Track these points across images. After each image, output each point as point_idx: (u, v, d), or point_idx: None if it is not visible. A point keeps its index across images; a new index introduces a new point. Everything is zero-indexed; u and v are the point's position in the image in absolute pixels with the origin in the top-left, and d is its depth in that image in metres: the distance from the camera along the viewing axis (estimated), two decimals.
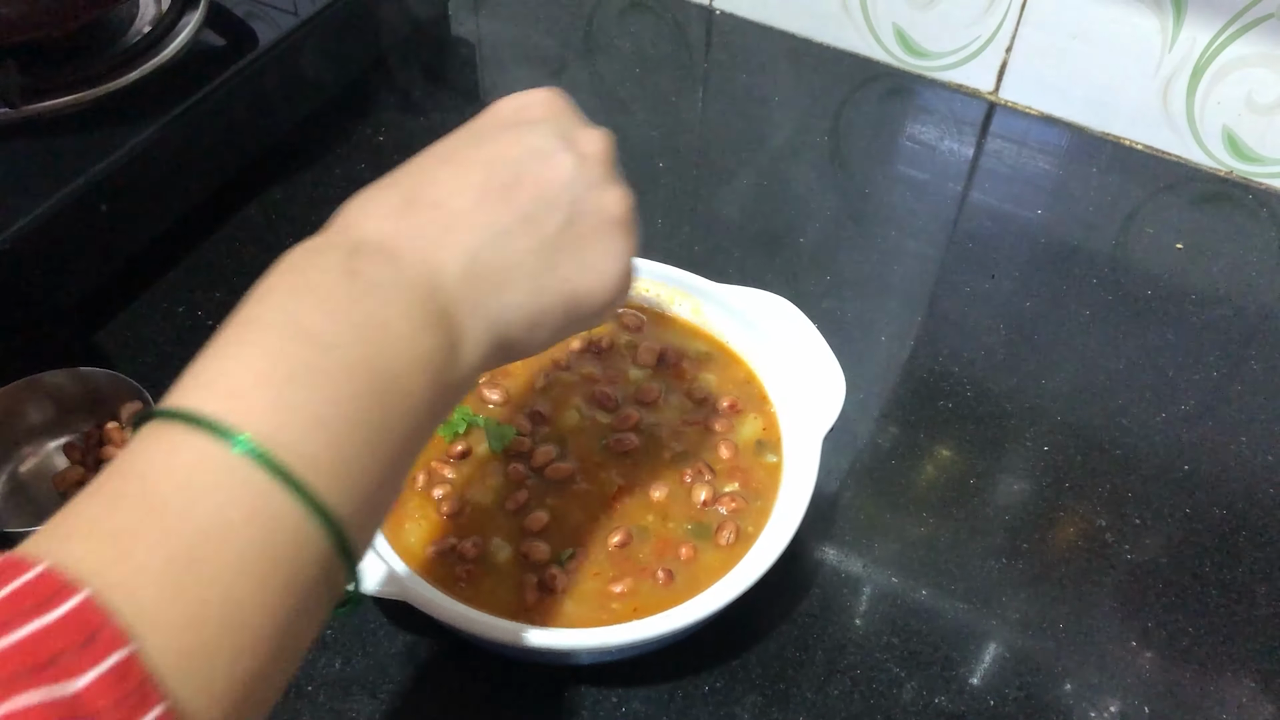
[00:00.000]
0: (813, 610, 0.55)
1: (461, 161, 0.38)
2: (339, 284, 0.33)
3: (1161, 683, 0.53)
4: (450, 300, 0.35)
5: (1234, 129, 0.78)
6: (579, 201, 0.38)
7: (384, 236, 0.35)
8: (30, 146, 0.64)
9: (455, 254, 0.35)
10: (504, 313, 0.36)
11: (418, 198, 0.36)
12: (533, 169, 0.38)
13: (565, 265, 0.38)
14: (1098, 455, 0.62)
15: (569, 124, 0.40)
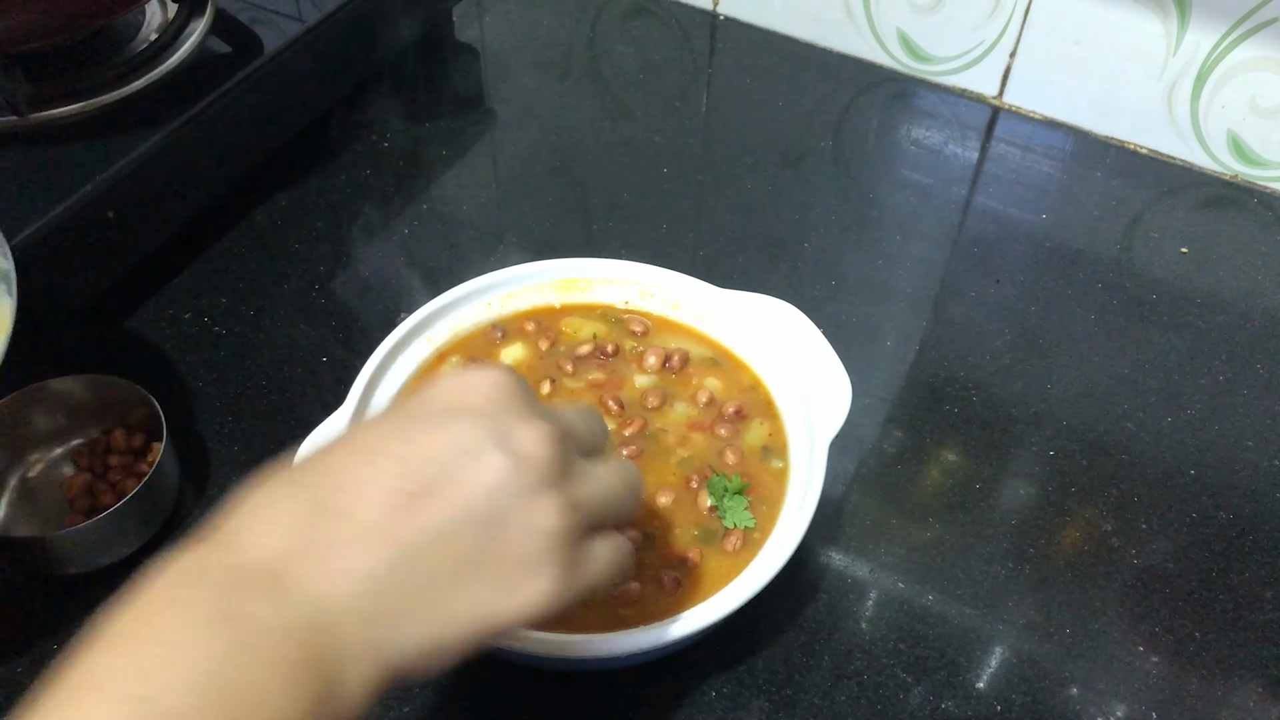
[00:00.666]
0: (819, 615, 0.55)
1: (381, 456, 0.33)
2: (205, 634, 0.29)
3: (1168, 687, 0.53)
4: (337, 639, 0.31)
5: (1238, 133, 0.78)
6: (504, 513, 0.33)
7: (273, 557, 0.31)
8: (38, 154, 0.64)
9: (351, 582, 0.31)
10: (399, 646, 0.32)
11: (321, 503, 0.32)
12: (453, 471, 0.33)
13: (479, 589, 0.33)
14: (1103, 460, 0.62)
15: (510, 417, 0.35)
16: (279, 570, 0.31)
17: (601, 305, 0.61)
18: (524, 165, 0.81)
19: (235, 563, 0.31)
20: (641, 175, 0.79)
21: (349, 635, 0.31)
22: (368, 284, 0.71)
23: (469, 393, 0.35)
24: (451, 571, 0.32)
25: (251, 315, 0.68)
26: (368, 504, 0.32)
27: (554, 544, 0.34)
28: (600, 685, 0.52)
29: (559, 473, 0.35)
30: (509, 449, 0.34)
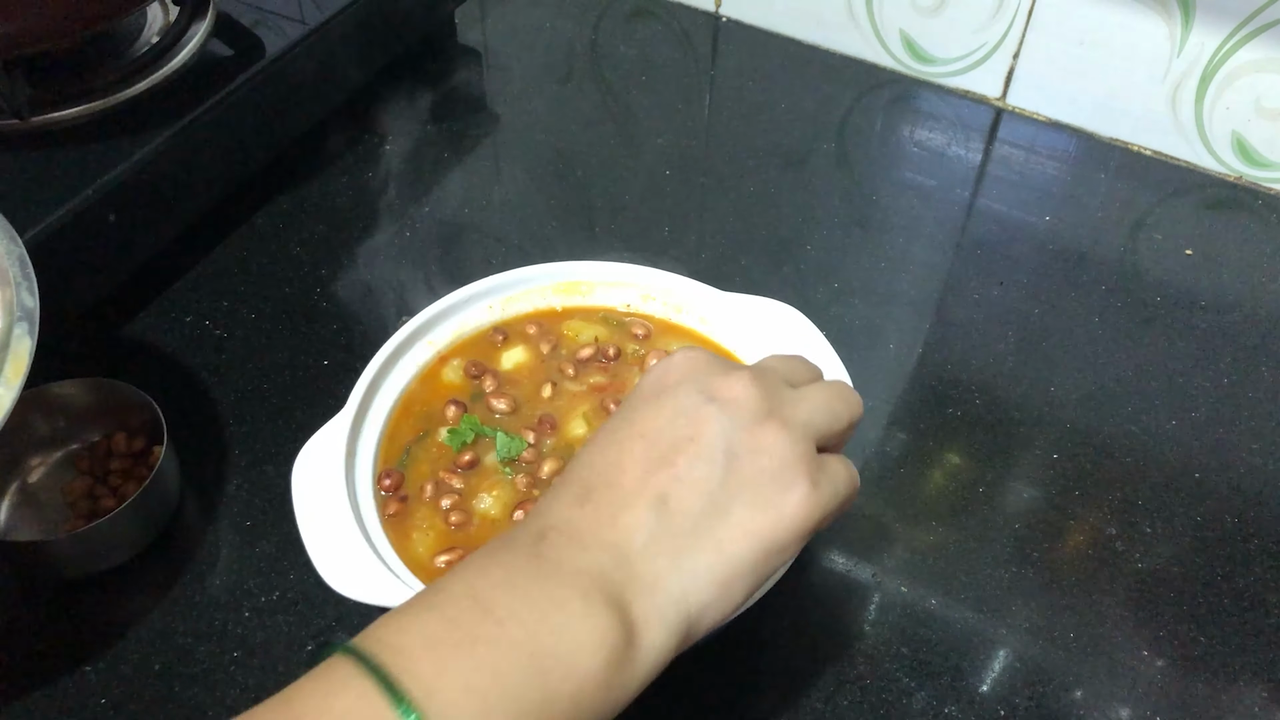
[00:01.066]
0: (821, 620, 0.54)
1: (622, 442, 0.40)
2: (523, 563, 0.36)
3: (1173, 692, 0.53)
4: (629, 578, 0.36)
5: (1243, 134, 0.78)
6: (735, 447, 0.39)
7: (566, 521, 0.38)
8: (39, 157, 0.64)
9: (630, 530, 0.37)
10: (688, 581, 0.37)
11: (592, 484, 0.39)
12: (683, 429, 0.39)
13: (739, 512, 0.38)
14: (1108, 463, 0.62)
15: (707, 377, 0.41)
16: (572, 528, 0.37)
17: (603, 308, 0.61)
18: (526, 168, 0.81)
19: (538, 526, 0.38)
20: (644, 178, 0.79)
21: (639, 575, 0.36)
22: (369, 287, 0.71)
23: (669, 373, 0.42)
24: (708, 506, 0.38)
25: (253, 319, 0.68)
26: (626, 473, 0.39)
27: (788, 458, 0.39)
28: None
29: (768, 404, 0.40)
30: (717, 399, 0.40)
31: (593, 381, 0.58)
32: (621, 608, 0.35)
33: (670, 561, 0.37)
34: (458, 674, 0.32)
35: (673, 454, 0.39)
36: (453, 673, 0.32)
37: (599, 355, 0.59)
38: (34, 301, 0.48)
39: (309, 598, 0.54)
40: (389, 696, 0.31)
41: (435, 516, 0.52)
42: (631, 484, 0.38)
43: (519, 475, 0.53)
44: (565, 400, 0.57)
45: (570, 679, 0.34)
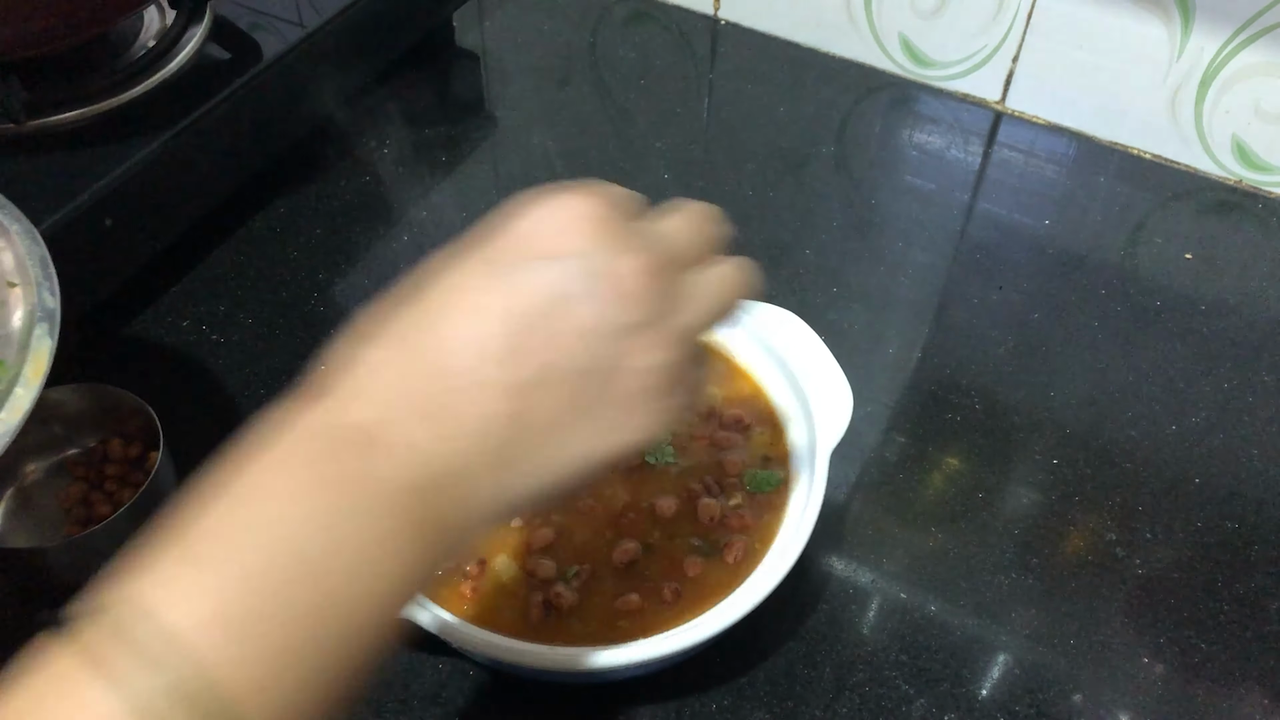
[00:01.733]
0: (821, 626, 0.54)
1: (470, 311, 0.33)
2: (312, 483, 0.30)
3: (1173, 698, 0.52)
4: (458, 491, 0.31)
5: (1243, 138, 0.77)
6: (608, 357, 0.33)
7: (383, 418, 0.31)
8: (35, 162, 0.63)
9: (468, 438, 0.32)
10: (516, 490, 0.33)
11: (423, 360, 0.32)
12: (555, 322, 0.32)
13: (589, 429, 0.33)
14: (1107, 468, 0.62)
15: (604, 251, 0.33)
16: (389, 431, 0.31)
17: None
18: (524, 171, 0.80)
19: (338, 423, 0.31)
20: (642, 181, 0.79)
21: (454, 486, 0.31)
22: (367, 291, 0.70)
23: (557, 229, 0.34)
24: (561, 418, 0.33)
25: (250, 323, 0.68)
26: (475, 360, 0.32)
27: (661, 379, 0.34)
28: (601, 698, 0.52)
29: (659, 305, 0.34)
30: (607, 290, 0.33)
31: None
32: (427, 526, 0.31)
33: (493, 473, 0.32)
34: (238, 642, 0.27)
35: (535, 346, 0.32)
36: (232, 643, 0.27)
37: None
38: (55, 302, 0.48)
39: None
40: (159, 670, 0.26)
41: None
42: (479, 376, 0.32)
43: None
44: None
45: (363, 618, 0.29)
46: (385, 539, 0.30)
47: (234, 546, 0.29)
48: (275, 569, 0.28)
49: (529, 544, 0.51)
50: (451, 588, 0.49)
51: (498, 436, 0.32)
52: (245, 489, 0.30)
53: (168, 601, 0.28)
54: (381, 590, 0.30)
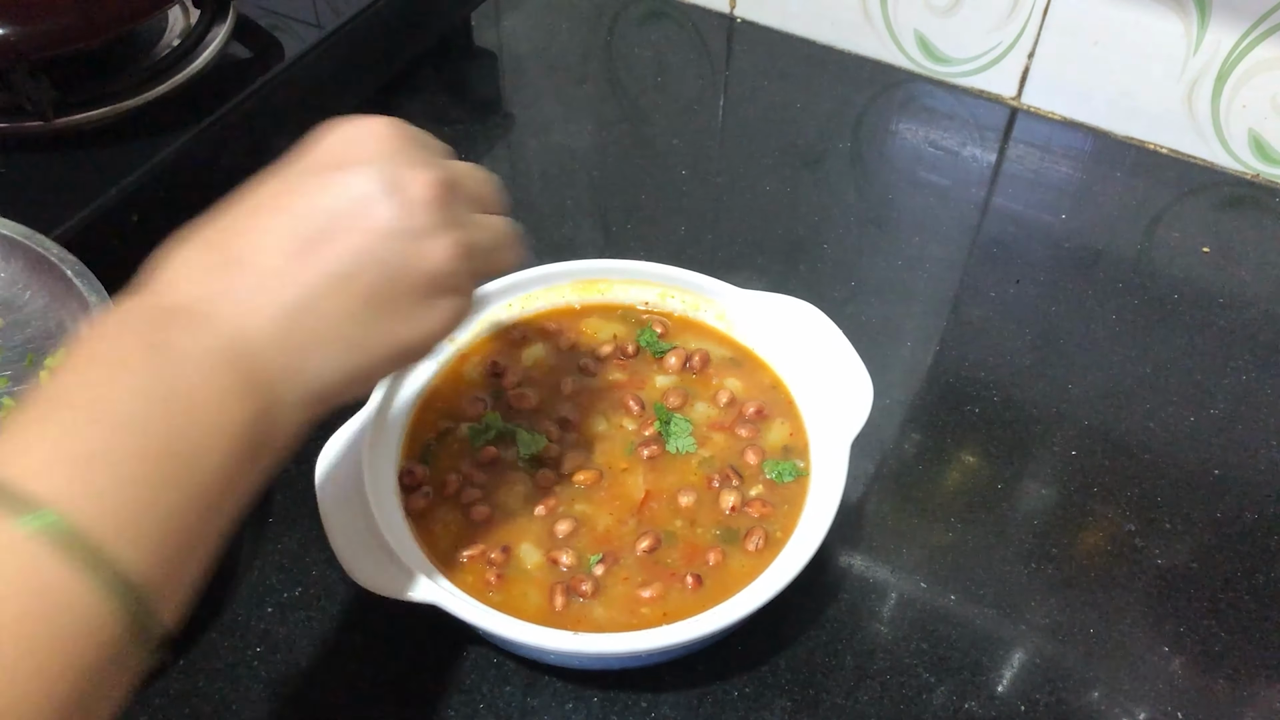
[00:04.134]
0: (841, 615, 0.55)
1: (272, 211, 0.36)
2: (143, 357, 0.33)
3: (1193, 689, 0.52)
4: (260, 364, 0.34)
5: (1260, 132, 0.78)
6: (398, 254, 0.36)
7: (193, 300, 0.35)
8: (63, 159, 0.64)
9: (264, 317, 0.35)
10: (319, 373, 0.36)
11: (228, 254, 0.36)
12: (346, 220, 0.36)
13: (384, 320, 0.37)
14: (1126, 460, 0.62)
15: (398, 163, 0.37)
16: (197, 310, 0.34)
17: (622, 305, 0.61)
18: (542, 168, 0.81)
19: (157, 305, 0.35)
20: (659, 178, 0.80)
21: (270, 362, 0.35)
22: None
23: (358, 144, 0.38)
24: (355, 308, 0.36)
25: None
26: (269, 252, 0.35)
27: (447, 280, 0.38)
28: (622, 684, 0.52)
29: (447, 216, 0.38)
30: (398, 195, 0.37)
31: (612, 378, 0.58)
32: (250, 393, 0.34)
33: (303, 355, 0.35)
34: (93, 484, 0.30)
35: (326, 243, 0.36)
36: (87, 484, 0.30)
37: (618, 352, 0.59)
38: None
39: (332, 593, 0.54)
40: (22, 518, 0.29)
41: (457, 512, 0.52)
42: (270, 265, 0.35)
43: (539, 471, 0.54)
44: (585, 397, 0.57)
45: (210, 471, 0.33)
46: (208, 390, 0.33)
47: (75, 405, 0.32)
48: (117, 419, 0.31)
49: (552, 532, 0.51)
50: (476, 575, 0.50)
51: (290, 320, 0.35)
52: (82, 361, 0.33)
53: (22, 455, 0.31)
54: (217, 438, 0.33)
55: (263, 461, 0.35)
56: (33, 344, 0.52)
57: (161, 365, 0.33)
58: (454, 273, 0.38)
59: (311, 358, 0.36)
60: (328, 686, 0.51)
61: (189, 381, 0.33)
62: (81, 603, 0.29)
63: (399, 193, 0.37)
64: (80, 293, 0.52)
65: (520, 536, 0.51)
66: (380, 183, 0.37)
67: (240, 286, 0.35)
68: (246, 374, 0.34)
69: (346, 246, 0.36)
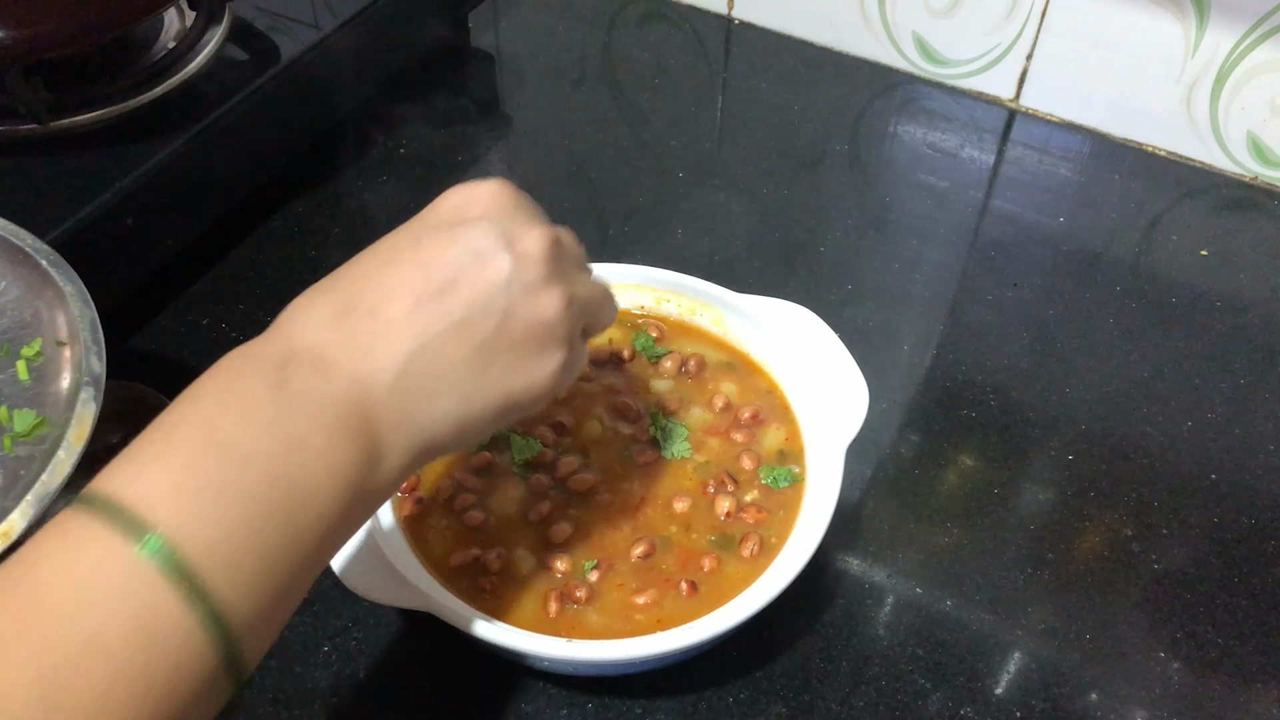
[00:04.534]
0: (837, 621, 0.54)
1: (399, 264, 0.38)
2: (265, 395, 0.34)
3: (1190, 694, 0.52)
4: (376, 412, 0.35)
5: (1258, 134, 0.77)
6: (514, 304, 0.38)
7: (317, 345, 0.36)
8: (57, 162, 0.64)
9: (385, 364, 0.36)
10: (432, 421, 0.37)
11: (354, 304, 0.37)
12: (468, 271, 0.38)
13: (497, 369, 0.38)
14: (1123, 464, 0.62)
15: (511, 221, 0.40)
16: (323, 356, 0.36)
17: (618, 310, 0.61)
18: (539, 171, 0.81)
19: (286, 348, 0.36)
20: (657, 180, 0.79)
21: (388, 409, 0.36)
22: None
23: (471, 204, 0.40)
24: (472, 355, 0.37)
25: (269, 321, 0.67)
26: (395, 302, 0.37)
27: (558, 330, 0.39)
28: (617, 690, 0.52)
29: (558, 271, 0.40)
30: (513, 249, 0.38)
31: (608, 383, 0.58)
32: (364, 441, 0.35)
33: (418, 403, 0.36)
34: (204, 516, 0.31)
35: (449, 293, 0.37)
36: (199, 515, 0.31)
37: (614, 357, 0.59)
38: (101, 367, 0.49)
39: (326, 599, 0.54)
40: (136, 543, 0.30)
41: (451, 518, 0.52)
42: (397, 314, 0.37)
43: (534, 475, 0.54)
44: (580, 401, 0.57)
45: (317, 515, 0.33)
46: (325, 435, 0.34)
47: (194, 435, 0.33)
48: (233, 455, 0.32)
49: (547, 538, 0.51)
50: (471, 581, 0.50)
51: (407, 367, 0.36)
52: (205, 392, 0.35)
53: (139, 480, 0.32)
54: (327, 483, 0.34)
55: (363, 510, 0.36)
56: (8, 334, 0.51)
57: (281, 405, 0.34)
58: (563, 323, 0.40)
59: (425, 405, 0.37)
60: (322, 693, 0.51)
61: (306, 424, 0.34)
62: (182, 632, 0.30)
63: (514, 246, 0.39)
64: (56, 283, 0.52)
65: (515, 542, 0.51)
66: (498, 237, 0.39)
67: (364, 334, 0.36)
68: (361, 420, 0.35)
69: (468, 296, 0.37)
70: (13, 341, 0.51)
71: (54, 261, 0.53)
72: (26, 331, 0.52)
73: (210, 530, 0.31)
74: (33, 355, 0.50)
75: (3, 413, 0.48)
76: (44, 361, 0.50)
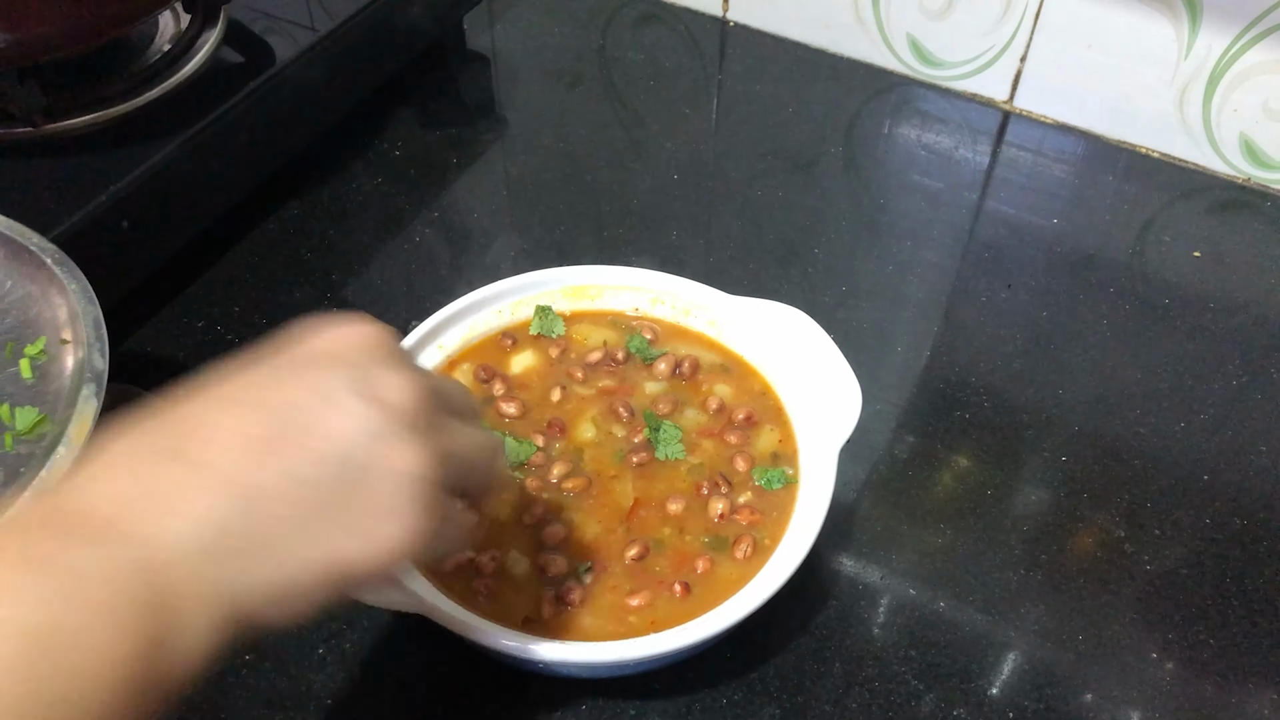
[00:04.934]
0: (830, 622, 0.55)
1: (234, 404, 0.33)
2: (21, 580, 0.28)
3: (1182, 695, 0.52)
4: (169, 579, 0.30)
5: (1251, 136, 0.78)
6: (363, 458, 0.33)
7: (110, 502, 0.30)
8: (52, 165, 0.64)
9: (194, 524, 0.31)
10: (245, 589, 0.32)
11: (172, 449, 0.32)
12: (312, 418, 0.33)
13: (329, 531, 0.33)
14: (1116, 465, 0.62)
15: (375, 367, 0.35)
16: (113, 515, 0.30)
17: (612, 312, 0.61)
18: (535, 173, 0.81)
19: (64, 509, 0.31)
20: (652, 182, 0.80)
21: (187, 576, 0.30)
22: (379, 291, 0.71)
23: (334, 343, 0.36)
24: (302, 515, 0.32)
25: (264, 323, 0.68)
26: (217, 448, 0.32)
27: (413, 491, 0.34)
28: (611, 692, 0.52)
29: (423, 423, 0.35)
30: (371, 396, 0.34)
31: (601, 385, 0.58)
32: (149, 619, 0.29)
33: (229, 569, 0.31)
34: None
35: (287, 440, 0.32)
36: None
37: (607, 359, 0.59)
38: (104, 364, 0.49)
39: None
40: None
41: None
42: (220, 462, 0.31)
43: (528, 478, 0.54)
44: (574, 404, 0.57)
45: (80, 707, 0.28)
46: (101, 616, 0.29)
47: None
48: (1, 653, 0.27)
49: (541, 540, 0.51)
50: (464, 583, 0.50)
51: (222, 526, 0.31)
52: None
53: None
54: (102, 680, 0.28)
55: (156, 696, 0.30)
56: (12, 334, 0.51)
57: (42, 590, 0.28)
58: (422, 479, 0.34)
59: (237, 571, 0.31)
60: (316, 696, 0.51)
61: (72, 612, 0.28)
62: None
63: (373, 393, 0.34)
64: (61, 281, 0.52)
65: (509, 544, 0.51)
66: (353, 381, 0.34)
67: (173, 484, 0.31)
68: (149, 592, 0.29)
69: (305, 447, 0.32)
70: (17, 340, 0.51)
71: (59, 260, 0.52)
72: (30, 330, 0.52)
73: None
74: (36, 354, 0.50)
75: (4, 411, 0.48)
76: (47, 360, 0.50)
